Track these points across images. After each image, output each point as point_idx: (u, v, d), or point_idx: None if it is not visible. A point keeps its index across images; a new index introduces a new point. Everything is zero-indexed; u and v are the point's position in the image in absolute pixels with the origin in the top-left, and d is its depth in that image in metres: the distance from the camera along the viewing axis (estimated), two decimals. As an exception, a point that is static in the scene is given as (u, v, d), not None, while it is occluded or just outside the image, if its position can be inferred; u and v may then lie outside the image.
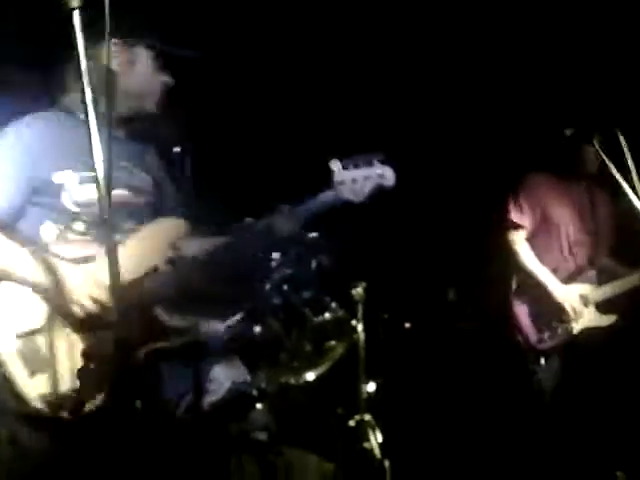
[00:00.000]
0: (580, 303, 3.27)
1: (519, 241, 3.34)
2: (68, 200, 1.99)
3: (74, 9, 1.36)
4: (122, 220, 2.07)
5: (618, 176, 2.76)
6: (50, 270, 1.88)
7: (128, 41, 2.12)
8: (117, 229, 1.99)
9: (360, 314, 3.10)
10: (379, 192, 2.15)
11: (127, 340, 1.43)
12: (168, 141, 2.54)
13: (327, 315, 2.97)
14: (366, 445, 2.99)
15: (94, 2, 1.41)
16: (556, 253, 3.37)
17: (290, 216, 2.14)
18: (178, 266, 2.05)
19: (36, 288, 1.90)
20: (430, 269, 4.07)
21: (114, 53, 2.08)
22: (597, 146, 2.90)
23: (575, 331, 3.25)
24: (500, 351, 3.58)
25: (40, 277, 1.88)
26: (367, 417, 3.06)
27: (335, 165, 2.11)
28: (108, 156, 1.38)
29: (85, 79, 1.38)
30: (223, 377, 2.76)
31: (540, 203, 3.36)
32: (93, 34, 1.45)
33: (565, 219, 3.37)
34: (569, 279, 3.34)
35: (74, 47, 1.36)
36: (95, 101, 1.88)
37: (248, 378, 2.81)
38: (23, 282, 1.89)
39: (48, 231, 1.98)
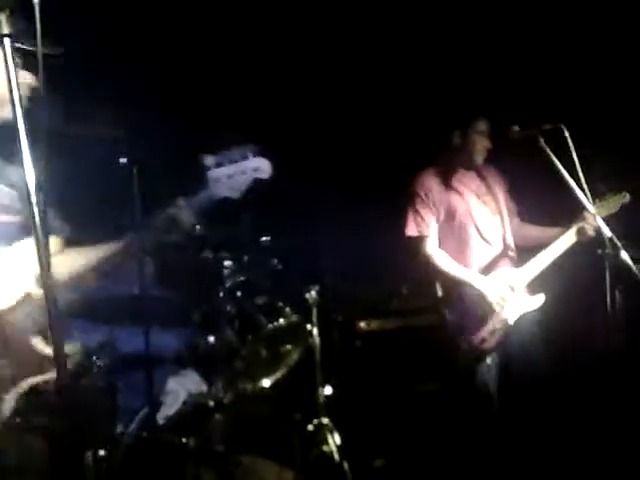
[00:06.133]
0: (507, 290, 3.13)
1: (429, 249, 3.21)
2: None
3: None
4: None
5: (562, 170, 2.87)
6: None
7: None
8: None
9: (314, 318, 3.09)
10: (256, 185, 2.01)
11: None
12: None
13: (281, 321, 2.95)
14: (325, 448, 2.99)
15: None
16: (471, 243, 3.24)
17: (188, 208, 1.99)
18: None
19: None
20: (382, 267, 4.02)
21: None
22: (542, 142, 2.95)
23: (512, 322, 3.10)
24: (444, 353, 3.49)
25: None
26: (325, 420, 3.06)
27: (209, 161, 1.98)
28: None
29: None
30: (179, 389, 2.71)
31: (439, 200, 3.23)
32: None
33: (469, 207, 3.26)
34: (490, 267, 3.23)
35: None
36: None
37: (204, 389, 2.77)
38: None
39: None
